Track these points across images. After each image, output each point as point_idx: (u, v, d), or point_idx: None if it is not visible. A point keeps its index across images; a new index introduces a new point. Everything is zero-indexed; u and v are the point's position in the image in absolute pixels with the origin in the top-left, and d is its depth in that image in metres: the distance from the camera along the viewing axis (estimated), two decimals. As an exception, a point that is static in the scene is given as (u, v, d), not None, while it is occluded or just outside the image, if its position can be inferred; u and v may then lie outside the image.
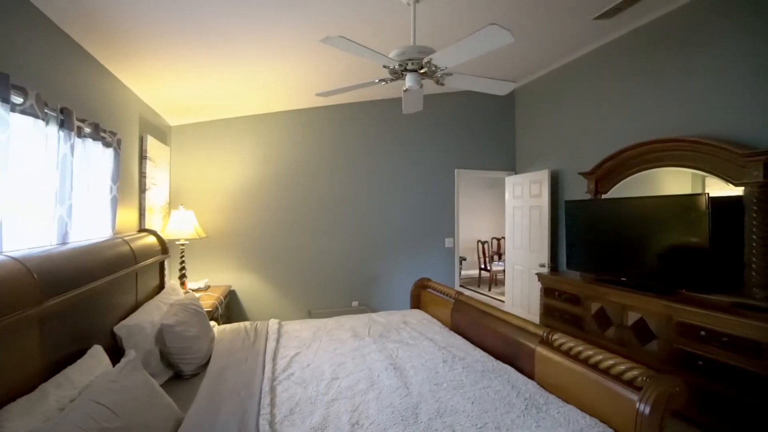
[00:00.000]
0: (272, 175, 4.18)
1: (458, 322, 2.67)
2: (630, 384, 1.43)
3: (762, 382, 2.10)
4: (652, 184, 3.15)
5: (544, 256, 4.13)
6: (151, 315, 2.04)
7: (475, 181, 8.02)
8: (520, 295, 4.58)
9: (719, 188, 2.65)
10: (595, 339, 3.12)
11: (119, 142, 2.33)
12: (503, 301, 5.13)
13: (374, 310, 4.33)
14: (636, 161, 3.23)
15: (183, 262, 3.48)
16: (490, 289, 6.92)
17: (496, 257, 7.54)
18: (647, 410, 1.30)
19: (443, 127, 4.70)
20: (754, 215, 2.42)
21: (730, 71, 2.65)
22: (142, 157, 3.06)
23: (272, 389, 1.78)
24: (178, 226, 3.40)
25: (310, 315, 4.19)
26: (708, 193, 2.56)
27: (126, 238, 2.23)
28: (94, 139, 2.01)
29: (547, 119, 4.42)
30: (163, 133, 3.66)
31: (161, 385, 1.80)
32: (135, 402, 1.21)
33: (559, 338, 1.78)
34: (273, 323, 2.80)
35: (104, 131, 2.14)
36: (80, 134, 1.86)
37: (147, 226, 3.05)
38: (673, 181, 2.99)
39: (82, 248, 1.65)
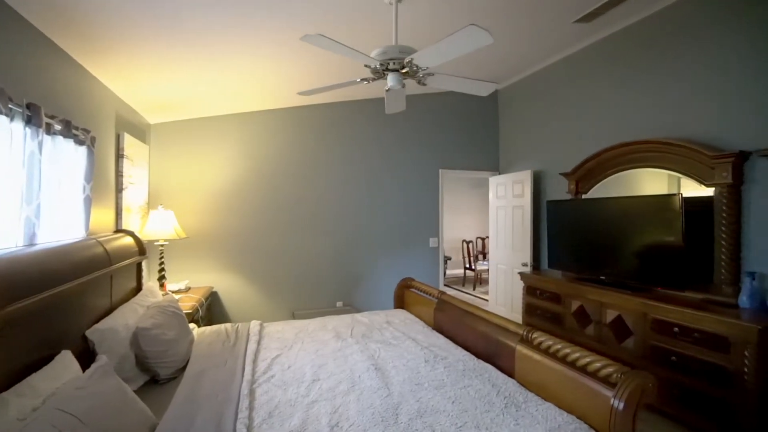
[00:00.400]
0: (256, 174, 4.12)
1: (441, 322, 2.68)
2: (605, 381, 1.46)
3: (729, 375, 2.18)
4: (630, 185, 3.23)
5: (527, 256, 4.19)
6: (126, 318, 1.98)
7: (460, 182, 8.09)
8: (503, 294, 4.63)
9: (693, 189, 2.73)
10: (574, 336, 3.19)
11: (93, 139, 2.26)
12: (487, 300, 5.18)
13: (359, 310, 4.32)
14: (614, 162, 3.30)
15: (162, 263, 3.40)
16: (474, 288, 6.99)
17: (480, 257, 7.61)
18: (621, 406, 1.33)
19: (428, 127, 4.72)
20: (723, 215, 2.50)
21: (701, 77, 2.74)
22: (119, 156, 2.98)
23: (251, 392, 1.75)
24: (157, 226, 3.31)
25: (294, 316, 4.15)
26: (681, 194, 2.64)
27: (100, 239, 2.16)
28: (65, 136, 1.94)
29: (529, 120, 4.48)
30: (141, 131, 3.57)
31: (136, 391, 1.76)
32: (105, 409, 1.17)
33: (538, 337, 1.80)
34: (254, 325, 2.76)
35: (77, 128, 2.06)
36: (49, 131, 1.80)
37: (124, 227, 2.96)
38: (651, 182, 3.07)
39: (51, 250, 1.59)
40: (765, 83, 2.39)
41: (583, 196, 3.61)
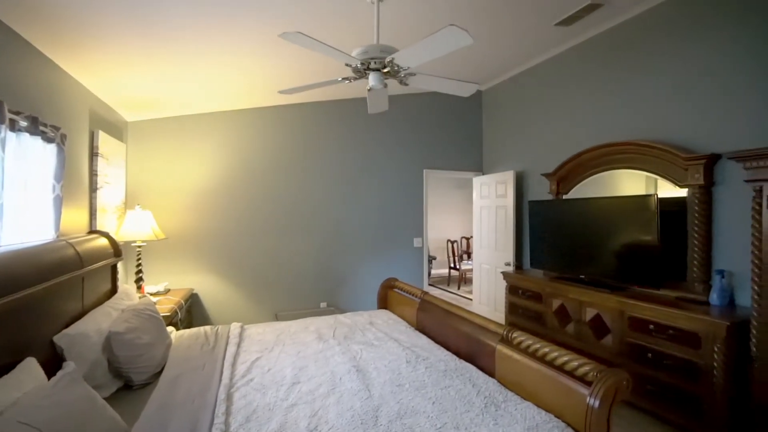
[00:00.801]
0: (237, 174, 4.05)
1: (424, 322, 2.68)
2: (582, 379, 1.48)
3: (699, 370, 2.24)
4: (610, 186, 3.29)
5: (510, 255, 4.24)
6: (98, 322, 1.91)
7: (445, 182, 8.13)
8: (487, 293, 4.68)
9: (669, 190, 2.80)
10: (555, 335, 3.24)
11: (64, 137, 2.18)
12: (471, 299, 5.22)
13: (343, 311, 4.29)
14: (594, 163, 3.37)
15: (140, 264, 3.30)
16: (459, 288, 7.04)
17: (465, 256, 7.67)
18: (596, 404, 1.35)
19: (412, 127, 4.73)
20: (696, 215, 2.58)
21: (675, 81, 2.81)
22: (93, 154, 2.88)
23: (229, 396, 1.71)
24: (134, 227, 3.22)
25: (277, 317, 4.10)
26: (657, 194, 2.71)
27: (71, 241, 2.09)
28: (32, 133, 1.86)
29: (512, 121, 4.53)
30: (118, 129, 3.46)
31: (108, 397, 1.70)
32: (70, 419, 1.12)
33: (518, 336, 1.82)
34: (235, 327, 2.71)
35: (45, 125, 1.98)
36: (14, 128, 1.72)
37: (99, 228, 2.87)
38: (630, 183, 3.14)
39: (15, 252, 1.52)
40: (732, 89, 2.47)
41: (564, 197, 3.67)
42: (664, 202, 2.71)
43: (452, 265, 7.31)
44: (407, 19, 2.66)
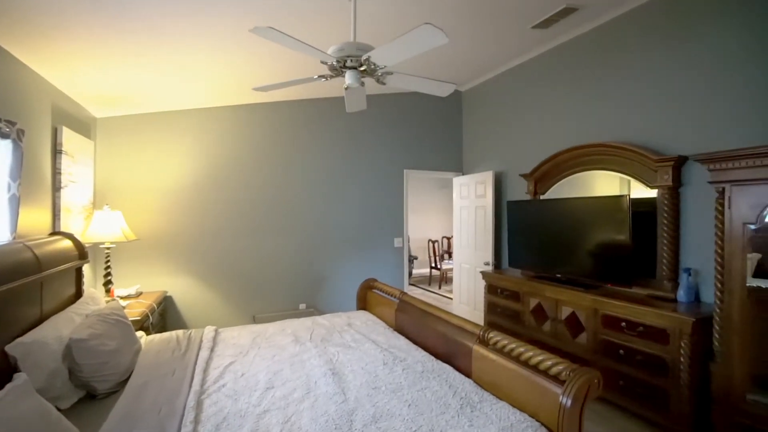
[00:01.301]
0: (213, 173, 3.94)
1: (402, 323, 2.67)
2: (556, 378, 1.50)
3: (667, 365, 2.32)
4: (586, 186, 3.36)
5: (489, 255, 4.28)
6: (59, 329, 1.81)
7: (427, 182, 8.17)
8: (467, 293, 4.71)
9: (642, 190, 2.87)
10: (533, 333, 3.29)
11: (21, 133, 2.05)
12: (452, 299, 5.25)
13: (322, 313, 4.25)
14: (570, 164, 3.43)
15: (108, 267, 3.16)
16: (440, 287, 7.08)
17: (446, 256, 7.72)
18: (569, 403, 1.37)
19: (393, 127, 4.71)
20: (665, 215, 2.66)
21: (647, 85, 2.89)
22: (57, 151, 2.74)
23: (199, 403, 1.65)
24: (103, 228, 3.08)
25: (255, 320, 4.01)
26: (629, 195, 2.78)
27: (29, 243, 1.97)
28: (-15, 129, 1.75)
29: (491, 122, 4.58)
30: (85, 126, 3.31)
31: (68, 409, 1.62)
32: (20, 434, 1.05)
33: (494, 336, 1.82)
34: (209, 330, 2.63)
35: (-1, 121, 1.87)
36: (-37, 123, 1.61)
37: (63, 229, 2.73)
38: (604, 184, 3.21)
39: (-37, 256, 1.42)
40: (697, 93, 2.56)
41: (542, 197, 3.73)
42: (636, 202, 2.79)
43: (433, 264, 7.35)
44: (387, 18, 2.64)
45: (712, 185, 2.15)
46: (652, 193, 2.78)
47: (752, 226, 2.00)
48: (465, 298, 4.75)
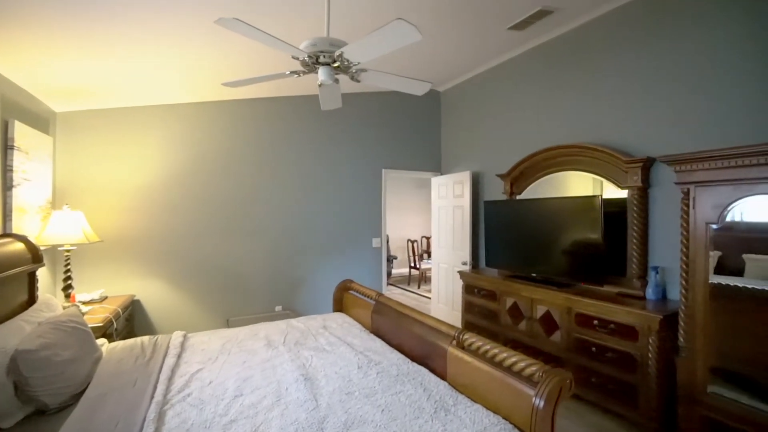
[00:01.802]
0: (184, 172, 3.79)
1: (378, 324, 2.63)
2: (529, 380, 1.49)
3: (636, 361, 2.38)
4: (561, 186, 3.41)
5: (466, 254, 4.30)
6: (5, 340, 1.68)
7: (406, 182, 8.17)
8: (444, 292, 4.72)
9: (614, 191, 2.93)
10: (509, 332, 3.31)
11: (-36, 127, 1.89)
12: (430, 298, 5.26)
13: (299, 314, 4.16)
14: (545, 165, 3.48)
15: (68, 271, 2.98)
16: (419, 287, 7.09)
17: (425, 255, 7.74)
18: (541, 404, 1.36)
19: (371, 127, 4.67)
20: (634, 215, 2.73)
21: (619, 87, 2.96)
22: (8, 147, 2.55)
23: (161, 415, 1.56)
24: (62, 229, 2.90)
25: (229, 323, 3.89)
26: (601, 195, 2.84)
27: (-27, 246, 1.82)
28: None
29: (469, 122, 4.61)
30: (43, 120, 3.11)
31: (12, 427, 1.50)
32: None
33: (469, 338, 1.81)
34: (177, 336, 2.52)
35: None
36: None
37: (15, 230, 2.55)
38: (579, 184, 3.26)
39: None
40: (665, 96, 2.63)
41: (518, 197, 3.77)
42: (608, 202, 2.85)
43: (412, 264, 7.35)
44: (363, 16, 2.59)
45: (678, 186, 2.21)
46: (624, 194, 2.84)
47: (714, 226, 2.06)
48: (443, 297, 4.76)
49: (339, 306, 3.25)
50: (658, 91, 2.69)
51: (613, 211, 2.85)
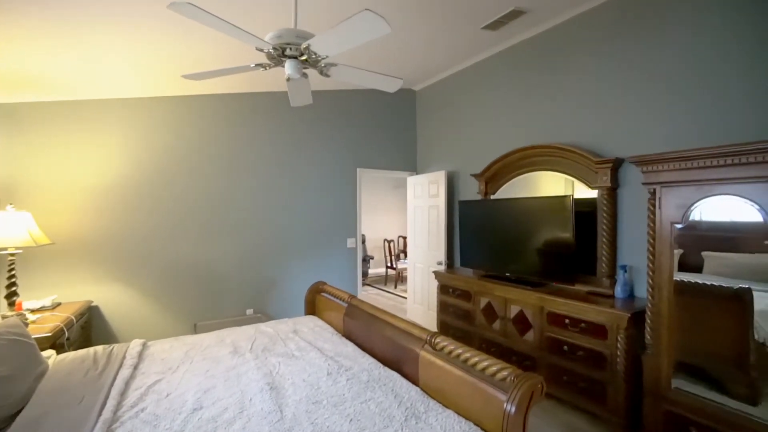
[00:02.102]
0: (148, 170, 3.58)
1: (350, 328, 2.56)
2: (501, 384, 1.46)
3: (606, 359, 2.41)
4: (535, 186, 3.43)
5: (442, 254, 4.28)
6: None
7: (383, 182, 8.12)
8: (420, 292, 4.70)
9: (586, 191, 2.96)
10: (483, 332, 3.31)
11: None
12: (407, 299, 5.22)
13: (271, 318, 4.04)
14: (518, 165, 3.50)
15: (13, 277, 2.74)
16: (396, 287, 7.06)
17: (402, 255, 7.72)
18: (513, 410, 1.33)
19: (345, 125, 4.58)
20: (604, 214, 2.78)
21: (590, 89, 3.01)
22: (-60, 142, 2.31)
23: (108, 434, 1.43)
24: (4, 231, 2.67)
25: (196, 329, 3.71)
26: (573, 195, 2.87)
27: None
28: None
29: (444, 122, 4.60)
30: (-18, 112, 2.85)
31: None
32: None
33: (441, 341, 1.77)
34: (135, 345, 2.36)
35: None
36: None
37: (-51, 233, 2.32)
38: (551, 184, 3.29)
39: None
40: (634, 97, 2.69)
41: (492, 197, 3.78)
42: (579, 202, 2.88)
43: (389, 264, 7.31)
44: (334, 10, 2.51)
45: (645, 186, 2.25)
46: (594, 194, 2.88)
47: (678, 225, 2.11)
48: (419, 298, 4.73)
49: (311, 309, 3.15)
50: (629, 92, 2.75)
51: (584, 210, 2.89)
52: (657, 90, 2.57)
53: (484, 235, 3.60)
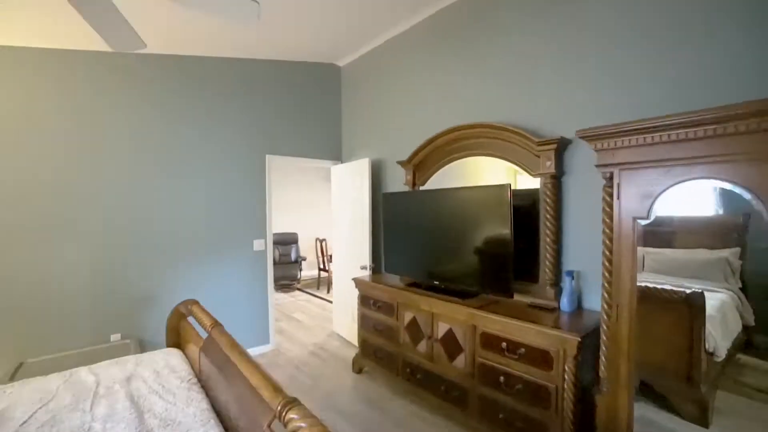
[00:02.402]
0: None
1: (207, 370, 1.78)
2: None
3: (550, 395, 1.87)
4: (473, 176, 2.83)
5: (366, 257, 3.61)
6: None
7: (312, 172, 7.30)
8: (344, 301, 4.00)
9: (529, 180, 2.41)
10: (407, 354, 2.69)
11: None
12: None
13: (145, 344, 3.12)
14: (448, 149, 2.91)
15: None
16: (329, 291, 6.31)
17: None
18: None
19: (251, 103, 3.72)
20: (547, 207, 2.24)
21: (528, 61, 2.46)
22: None
23: None
24: None
25: (19, 369, 2.69)
26: (510, 184, 2.29)
27: None
28: None
29: (370, 102, 3.91)
30: None
31: None
32: None
33: (294, 419, 1.05)
34: None
35: None
36: None
37: None
38: (492, 173, 2.70)
39: None
40: (576, 68, 2.17)
41: (421, 188, 3.16)
42: (520, 194, 2.34)
43: (321, 266, 6.54)
44: None
45: (599, 170, 1.72)
46: (536, 183, 2.34)
47: (642, 222, 1.59)
48: (344, 307, 4.03)
49: (174, 338, 2.32)
50: (570, 61, 2.23)
51: (526, 204, 2.34)
52: (603, 57, 2.06)
53: (411, 235, 2.97)
